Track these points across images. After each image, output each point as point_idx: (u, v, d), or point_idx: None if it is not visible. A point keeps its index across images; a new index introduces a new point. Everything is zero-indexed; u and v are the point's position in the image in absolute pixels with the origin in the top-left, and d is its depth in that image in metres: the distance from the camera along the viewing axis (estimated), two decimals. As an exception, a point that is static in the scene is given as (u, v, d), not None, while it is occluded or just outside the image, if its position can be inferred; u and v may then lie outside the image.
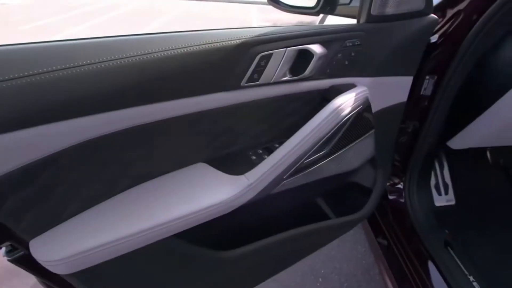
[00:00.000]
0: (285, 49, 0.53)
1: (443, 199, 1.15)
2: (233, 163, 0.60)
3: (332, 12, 0.72)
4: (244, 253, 0.63)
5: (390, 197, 1.05)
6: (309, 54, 0.55)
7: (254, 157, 0.61)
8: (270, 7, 0.82)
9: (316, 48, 0.55)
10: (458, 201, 1.15)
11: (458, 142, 0.92)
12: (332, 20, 1.02)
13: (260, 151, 0.62)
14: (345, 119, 0.57)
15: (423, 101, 0.85)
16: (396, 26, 0.60)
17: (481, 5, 0.69)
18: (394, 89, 0.70)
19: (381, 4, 0.57)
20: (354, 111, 0.59)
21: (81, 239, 0.46)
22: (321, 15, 1.20)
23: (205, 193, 0.54)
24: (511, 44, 0.71)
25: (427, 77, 0.83)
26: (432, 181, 1.15)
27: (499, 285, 0.86)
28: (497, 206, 1.16)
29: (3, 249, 0.49)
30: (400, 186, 1.04)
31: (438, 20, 0.65)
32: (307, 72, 0.56)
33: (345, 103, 0.57)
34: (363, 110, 0.61)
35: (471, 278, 0.83)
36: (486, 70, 0.75)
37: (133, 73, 0.43)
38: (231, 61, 0.49)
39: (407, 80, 0.71)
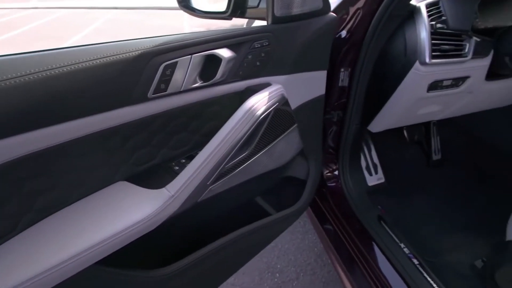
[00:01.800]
0: (190, 56, 0.53)
1: (374, 179, 1.26)
2: (154, 176, 0.58)
3: (243, 15, 0.74)
4: (183, 266, 0.62)
5: (329, 184, 1.12)
6: (218, 59, 0.56)
7: (177, 168, 0.60)
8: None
9: (224, 52, 0.55)
10: (387, 178, 1.27)
11: (376, 126, 1.02)
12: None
13: (183, 160, 0.61)
14: (261, 117, 0.59)
15: (343, 92, 0.92)
16: (300, 25, 0.64)
17: (374, 2, 0.77)
18: (311, 84, 0.74)
19: (283, 5, 0.60)
20: (270, 109, 0.61)
21: None
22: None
23: (126, 212, 0.51)
24: (403, 35, 0.81)
25: (342, 69, 0.90)
26: (363, 164, 1.25)
27: (423, 245, 0.96)
28: (418, 177, 1.31)
29: None
30: (336, 172, 1.11)
31: (337, 18, 0.70)
32: (218, 76, 0.56)
33: (259, 102, 0.59)
34: (280, 106, 0.64)
35: (402, 245, 0.91)
36: (386, 60, 0.84)
37: (25, 94, 0.39)
38: (133, 73, 0.48)
39: (322, 74, 0.76)
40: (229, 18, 0.76)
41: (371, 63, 0.85)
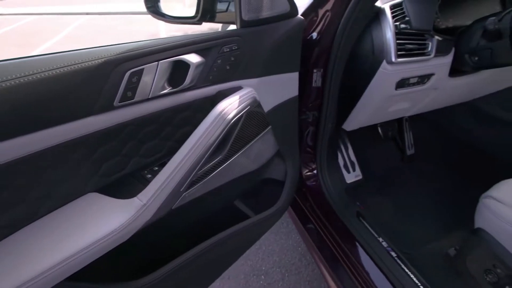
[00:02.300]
0: (157, 62, 0.52)
1: (352, 176, 1.29)
2: (126, 186, 0.57)
3: (212, 20, 0.74)
4: (161, 275, 0.61)
5: (308, 183, 1.14)
6: (186, 64, 0.55)
7: (149, 176, 0.59)
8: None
9: (192, 58, 0.55)
10: (364, 175, 1.30)
11: (350, 124, 1.04)
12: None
13: (156, 168, 0.60)
14: (233, 121, 0.59)
15: (317, 92, 0.94)
16: (268, 28, 0.65)
17: (342, 4, 0.79)
18: (283, 86, 0.75)
19: (250, 9, 0.60)
20: (242, 112, 0.61)
21: None
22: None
23: (96, 224, 0.50)
24: (370, 36, 0.84)
25: (315, 70, 0.92)
26: (341, 162, 1.28)
27: (400, 238, 0.99)
28: (393, 172, 1.35)
29: None
30: (315, 172, 1.13)
31: (305, 21, 0.72)
32: (187, 82, 0.56)
33: (230, 106, 0.59)
34: (253, 109, 0.64)
35: (380, 239, 0.94)
36: (356, 60, 0.87)
37: None
38: (96, 82, 0.47)
39: (293, 76, 0.77)
40: (198, 23, 0.76)
41: (342, 64, 0.87)
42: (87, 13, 7.65)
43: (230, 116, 0.58)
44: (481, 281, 0.80)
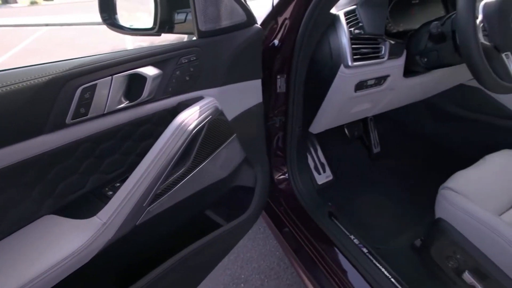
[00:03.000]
0: (111, 77, 0.51)
1: (323, 177, 1.32)
2: (86, 205, 0.55)
3: (171, 31, 0.74)
4: None
5: (281, 187, 1.15)
6: (143, 77, 0.55)
7: (110, 193, 0.57)
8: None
9: (148, 70, 0.55)
10: (335, 175, 1.34)
11: (315, 127, 1.08)
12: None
13: (118, 184, 0.58)
14: (194, 132, 0.59)
15: (282, 97, 0.96)
16: (227, 38, 0.65)
17: (300, 11, 0.82)
18: (246, 93, 0.76)
19: (206, 20, 0.61)
20: (204, 122, 0.61)
21: None
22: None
23: (52, 248, 0.47)
24: (328, 42, 0.87)
25: (278, 76, 0.94)
26: (311, 164, 1.31)
27: (371, 234, 1.03)
28: (362, 170, 1.40)
29: None
30: (286, 175, 1.14)
31: (262, 29, 0.73)
32: (144, 95, 0.55)
33: (190, 116, 0.59)
34: (216, 117, 0.64)
35: (352, 237, 0.97)
36: (316, 65, 0.90)
37: None
38: (45, 100, 0.45)
39: (256, 83, 0.78)
40: (157, 34, 0.75)
41: (303, 69, 0.90)
42: (47, 25, 7.30)
43: (191, 127, 0.58)
44: (445, 268, 0.84)
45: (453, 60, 0.87)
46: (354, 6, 0.86)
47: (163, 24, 0.72)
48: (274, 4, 0.88)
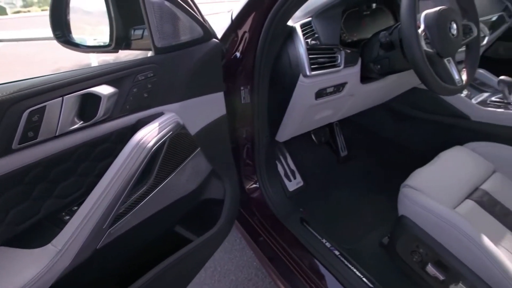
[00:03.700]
0: (61, 98, 0.49)
1: (294, 183, 1.34)
2: (40, 233, 0.52)
3: (128, 47, 0.73)
4: None
5: (252, 196, 1.15)
6: (97, 96, 0.53)
7: (67, 217, 0.54)
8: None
9: (103, 89, 0.53)
10: (305, 181, 1.37)
11: (281, 135, 1.10)
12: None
13: (75, 208, 0.56)
14: (154, 148, 0.58)
15: (247, 108, 0.97)
16: (184, 53, 0.66)
17: (258, 24, 0.84)
18: (209, 106, 0.76)
19: (161, 37, 0.61)
20: (164, 138, 0.60)
21: None
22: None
23: (3, 281, 0.44)
24: (287, 53, 0.90)
25: (242, 88, 0.95)
26: (281, 172, 1.33)
27: (341, 236, 1.06)
28: (331, 174, 1.44)
29: None
30: (257, 185, 1.15)
31: (220, 44, 0.74)
32: (100, 114, 0.54)
33: (150, 133, 0.58)
34: (177, 134, 0.64)
35: (324, 241, 0.99)
36: (277, 75, 0.93)
37: None
38: None
39: (219, 96, 0.79)
40: (114, 51, 0.74)
41: (266, 80, 0.92)
42: (1, 40, 6.90)
43: (151, 143, 0.57)
44: (410, 262, 0.88)
45: (403, 66, 0.93)
46: (310, 18, 0.90)
47: (120, 40, 0.71)
48: (233, 18, 0.90)
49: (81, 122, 0.53)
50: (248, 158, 1.11)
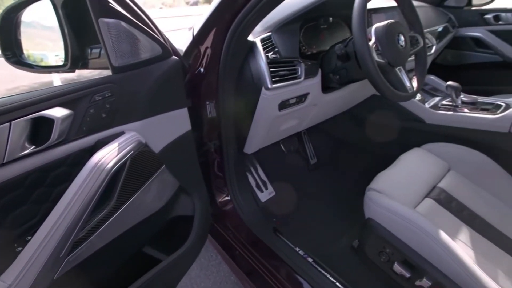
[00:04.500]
0: (9, 123, 0.47)
1: (266, 194, 1.35)
2: None
3: (86, 66, 0.72)
4: None
5: (225, 209, 1.14)
6: (50, 119, 0.51)
7: (20, 248, 0.51)
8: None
9: (55, 112, 0.51)
10: (277, 191, 1.38)
11: (249, 147, 1.11)
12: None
13: (29, 237, 0.53)
14: (114, 169, 0.57)
15: (213, 122, 0.98)
16: (143, 72, 0.65)
17: (219, 40, 0.86)
18: (173, 123, 0.76)
19: (118, 56, 0.60)
20: (125, 158, 0.59)
21: None
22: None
23: None
24: (249, 67, 0.92)
25: (207, 102, 0.96)
26: (253, 183, 1.34)
27: (313, 243, 1.08)
28: (302, 182, 1.47)
29: None
30: (229, 197, 1.15)
31: (180, 61, 0.74)
32: (53, 138, 0.52)
33: (109, 154, 0.56)
34: (140, 152, 0.63)
35: (297, 249, 1.00)
36: (241, 89, 0.94)
37: None
38: None
39: (182, 112, 0.78)
40: (71, 70, 0.72)
41: (230, 93, 0.93)
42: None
43: (110, 164, 0.56)
44: (378, 263, 0.92)
45: (360, 75, 0.99)
46: (270, 33, 0.93)
47: (76, 60, 0.70)
48: (195, 34, 0.91)
49: (33, 147, 0.50)
50: (218, 171, 1.10)
